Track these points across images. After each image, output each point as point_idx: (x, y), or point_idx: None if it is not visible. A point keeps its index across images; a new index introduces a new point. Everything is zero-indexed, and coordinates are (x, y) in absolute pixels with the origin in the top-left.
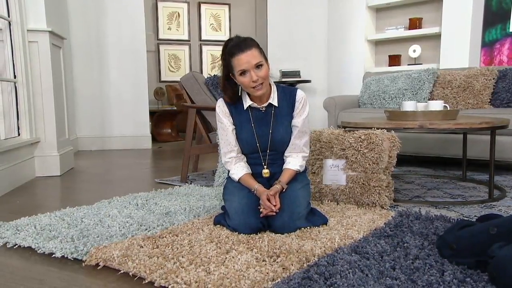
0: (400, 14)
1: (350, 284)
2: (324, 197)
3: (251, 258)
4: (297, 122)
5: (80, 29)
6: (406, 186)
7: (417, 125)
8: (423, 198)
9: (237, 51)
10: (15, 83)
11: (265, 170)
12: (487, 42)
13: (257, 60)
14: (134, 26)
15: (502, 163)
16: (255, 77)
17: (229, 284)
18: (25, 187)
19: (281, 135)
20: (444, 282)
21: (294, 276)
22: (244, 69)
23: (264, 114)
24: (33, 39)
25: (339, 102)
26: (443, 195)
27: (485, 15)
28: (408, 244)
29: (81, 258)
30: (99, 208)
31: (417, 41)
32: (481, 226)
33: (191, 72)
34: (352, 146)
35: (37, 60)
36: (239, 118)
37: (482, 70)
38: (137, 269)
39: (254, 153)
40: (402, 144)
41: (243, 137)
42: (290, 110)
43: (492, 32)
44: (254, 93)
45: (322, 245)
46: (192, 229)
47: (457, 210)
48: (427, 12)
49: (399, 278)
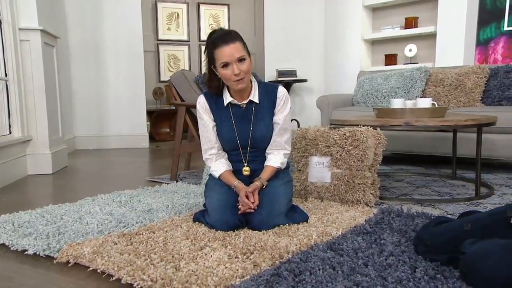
0: (396, 13)
1: (318, 281)
2: (309, 194)
3: (224, 255)
4: (278, 119)
5: (78, 29)
6: (395, 184)
7: (403, 122)
8: (410, 196)
9: (220, 43)
10: (6, 81)
11: (245, 168)
12: (481, 41)
13: (240, 54)
14: (131, 26)
15: (493, 161)
16: (237, 71)
17: (195, 281)
18: (16, 185)
19: (262, 132)
20: (414, 279)
21: (263, 273)
22: (227, 62)
23: (245, 111)
24: (24, 38)
25: (332, 101)
26: (430, 193)
27: (479, 14)
28: (385, 241)
29: (53, 255)
30: (82, 205)
31: (413, 40)
32: (456, 222)
33: (181, 70)
34: (337, 143)
35: (29, 58)
36: (220, 115)
37: (473, 69)
38: (105, 266)
39: (235, 150)
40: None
41: (224, 134)
42: (271, 107)
43: (486, 31)
44: (234, 87)
45: (298, 242)
46: (171, 226)
47: (442, 208)
48: (423, 11)
49: (370, 274)
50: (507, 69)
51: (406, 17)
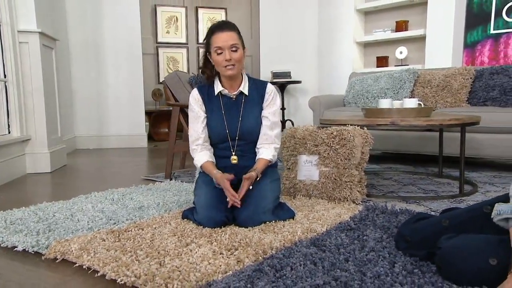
0: (387, 17)
1: (298, 276)
2: (298, 192)
3: (209, 251)
4: (268, 113)
5: (78, 32)
6: (383, 182)
7: (389, 122)
8: (397, 194)
9: (217, 30)
10: (5, 82)
11: (233, 156)
12: (469, 44)
13: (234, 42)
14: (131, 29)
15: (478, 160)
16: (228, 57)
17: (177, 277)
18: (14, 183)
19: (250, 123)
20: (392, 274)
21: (246, 269)
22: (220, 46)
23: (235, 102)
24: (23, 40)
25: (324, 101)
26: (416, 190)
27: (467, 18)
28: (367, 237)
29: (42, 251)
30: (74, 203)
31: (403, 43)
32: (435, 219)
33: (175, 71)
34: (324, 142)
35: (27, 60)
36: (211, 106)
37: (459, 70)
38: (91, 262)
39: (224, 142)
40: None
41: (214, 124)
42: (260, 100)
43: (473, 34)
44: (225, 73)
45: (282, 238)
46: (160, 223)
47: (426, 205)
48: (413, 15)
49: (349, 270)
50: (491, 70)
51: (396, 20)
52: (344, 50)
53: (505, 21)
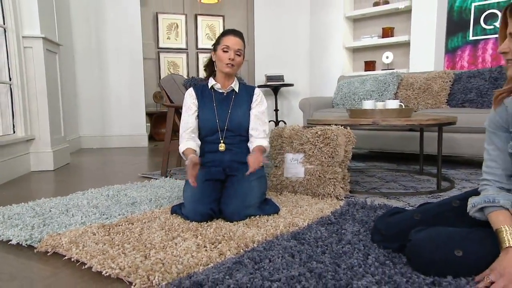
0: (374, 24)
1: (275, 268)
2: (285, 188)
3: (193, 244)
4: (258, 112)
5: (82, 38)
6: (367, 179)
7: (371, 122)
8: (379, 190)
9: (230, 33)
10: (10, 85)
11: (221, 144)
12: (450, 49)
13: (240, 47)
14: (132, 35)
15: (457, 158)
16: (232, 56)
17: (159, 269)
18: (19, 180)
19: (238, 116)
20: (365, 265)
21: (227, 261)
22: (229, 46)
23: (226, 97)
24: (28, 45)
25: (314, 103)
26: (397, 187)
27: (447, 25)
28: (345, 230)
29: (35, 245)
30: (71, 199)
31: (389, 48)
32: (408, 213)
33: (171, 74)
34: (309, 141)
35: (31, 64)
36: (204, 100)
37: (440, 74)
38: (79, 255)
39: (214, 133)
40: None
41: (205, 116)
42: (249, 100)
43: (454, 40)
44: (223, 69)
45: (265, 232)
46: (150, 218)
47: (405, 200)
48: (398, 22)
49: (325, 262)
50: (469, 74)
51: (383, 27)
52: (334, 55)
53: (483, 28)
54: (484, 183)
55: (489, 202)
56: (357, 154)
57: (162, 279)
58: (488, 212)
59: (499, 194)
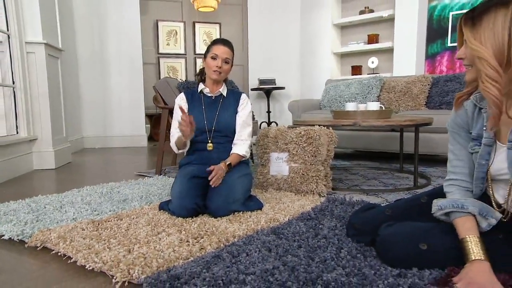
0: (360, 31)
1: (251, 262)
2: (270, 186)
3: (176, 239)
4: (242, 115)
5: (85, 44)
6: (351, 177)
7: (352, 122)
8: (360, 187)
9: (219, 42)
10: (13, 88)
11: (209, 144)
12: (430, 55)
13: (228, 56)
14: (132, 42)
15: (434, 157)
16: (219, 64)
17: (140, 263)
18: (22, 178)
19: (225, 118)
20: (338, 258)
21: (206, 255)
22: (217, 54)
23: (214, 101)
24: (30, 50)
25: (302, 105)
26: (378, 184)
27: (428, 32)
28: (323, 225)
29: (26, 240)
30: (66, 196)
31: (374, 54)
32: (381, 208)
33: (165, 78)
34: (293, 141)
35: (34, 68)
36: (193, 103)
37: (419, 78)
38: (66, 250)
39: (202, 134)
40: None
41: (194, 116)
42: (236, 104)
43: (433, 46)
44: (211, 75)
45: (246, 227)
46: (138, 214)
47: (384, 197)
48: (383, 29)
49: (299, 255)
50: (446, 78)
51: (368, 34)
52: (323, 60)
53: None
54: (451, 183)
55: (457, 207)
56: (343, 153)
57: (141, 273)
58: (455, 217)
59: (467, 200)
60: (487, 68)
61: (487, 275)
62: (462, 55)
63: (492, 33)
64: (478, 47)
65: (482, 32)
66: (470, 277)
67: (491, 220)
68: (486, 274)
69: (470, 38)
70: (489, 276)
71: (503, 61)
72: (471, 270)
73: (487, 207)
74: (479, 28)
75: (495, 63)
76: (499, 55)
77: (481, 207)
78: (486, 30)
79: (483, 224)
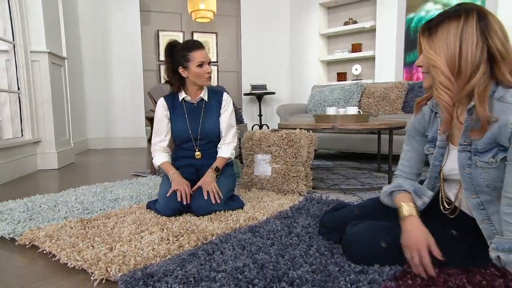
0: (345, 40)
1: (224, 259)
2: (254, 185)
3: (157, 237)
4: (225, 117)
5: (89, 51)
6: (332, 176)
7: (331, 126)
8: (339, 186)
9: (196, 47)
10: (18, 94)
11: (197, 152)
12: (407, 63)
13: (209, 57)
14: (133, 50)
15: None
16: (209, 69)
17: (118, 261)
18: (26, 178)
19: (209, 125)
20: (306, 255)
21: (183, 253)
22: (203, 61)
23: (196, 107)
24: (35, 59)
25: (289, 109)
26: (356, 183)
27: (405, 42)
28: (297, 224)
29: (16, 238)
30: (62, 195)
31: (358, 61)
32: (350, 208)
33: (158, 84)
34: (275, 143)
35: (38, 75)
36: (175, 111)
37: (396, 84)
38: (51, 248)
39: (188, 142)
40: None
41: (178, 127)
42: (218, 107)
43: (411, 55)
44: (204, 83)
45: (225, 226)
46: (126, 213)
47: (360, 195)
48: (365, 39)
49: (270, 253)
50: (420, 84)
51: (352, 43)
52: (311, 67)
53: None
54: (398, 174)
55: (396, 187)
56: (326, 153)
57: (118, 271)
58: (395, 196)
59: (406, 182)
60: (440, 76)
61: (417, 227)
62: (421, 63)
63: (445, 44)
64: (433, 56)
65: (437, 42)
66: (405, 240)
67: (424, 199)
68: (417, 227)
69: (427, 48)
70: (420, 228)
71: (454, 70)
72: (405, 225)
73: (422, 188)
74: (435, 38)
75: (448, 72)
76: (451, 64)
77: (416, 187)
78: (440, 41)
79: (418, 203)
